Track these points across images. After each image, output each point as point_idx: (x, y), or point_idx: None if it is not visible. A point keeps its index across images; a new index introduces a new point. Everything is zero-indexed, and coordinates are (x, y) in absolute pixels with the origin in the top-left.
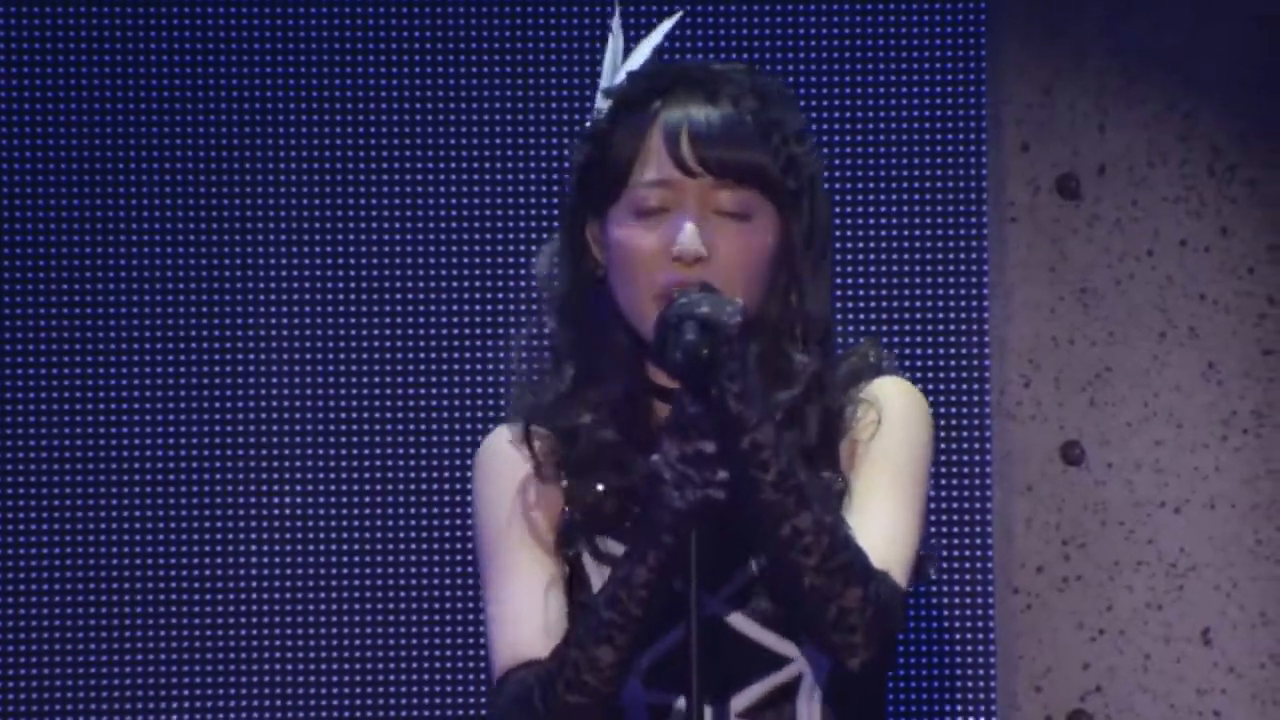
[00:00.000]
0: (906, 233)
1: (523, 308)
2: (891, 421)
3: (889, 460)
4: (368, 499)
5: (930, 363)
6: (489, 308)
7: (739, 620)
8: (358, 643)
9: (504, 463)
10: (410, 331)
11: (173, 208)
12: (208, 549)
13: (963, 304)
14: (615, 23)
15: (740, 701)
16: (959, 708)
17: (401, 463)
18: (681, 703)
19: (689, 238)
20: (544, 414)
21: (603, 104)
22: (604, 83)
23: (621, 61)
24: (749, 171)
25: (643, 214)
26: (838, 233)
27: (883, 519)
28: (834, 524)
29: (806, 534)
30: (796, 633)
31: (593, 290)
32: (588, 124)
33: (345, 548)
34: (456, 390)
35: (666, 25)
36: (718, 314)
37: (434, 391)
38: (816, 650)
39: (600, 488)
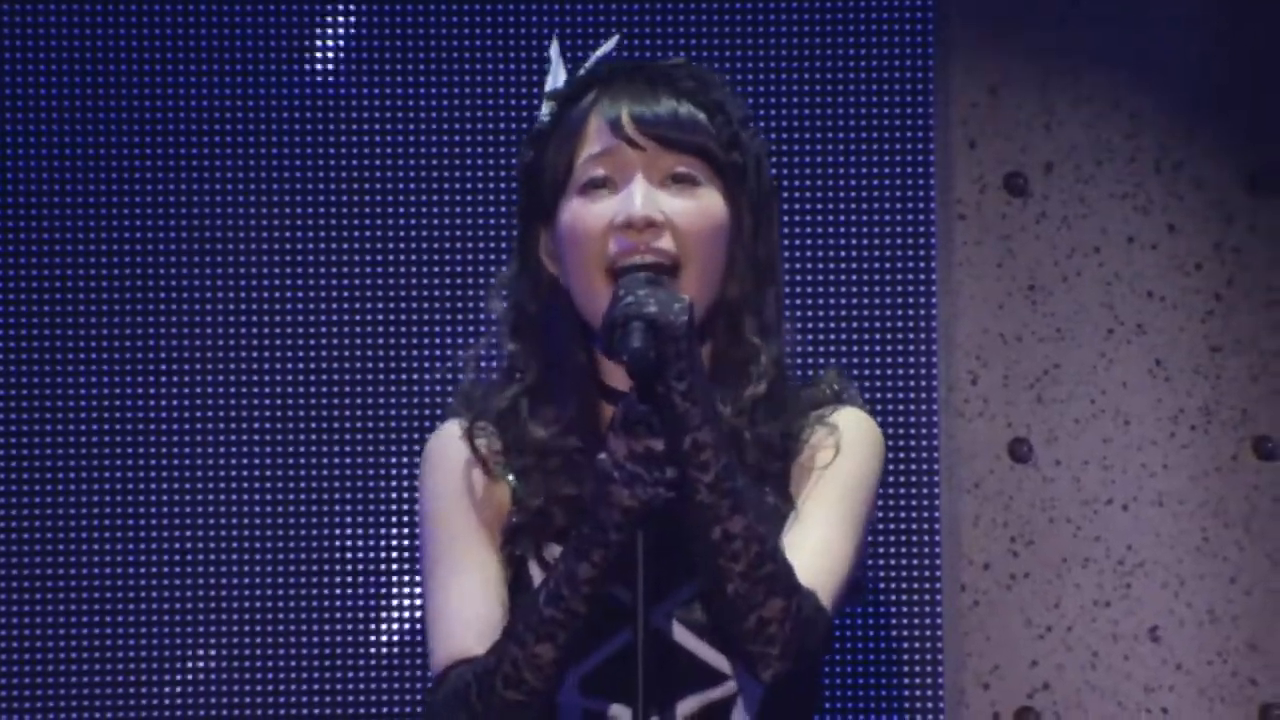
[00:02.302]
0: (855, 230)
1: (482, 315)
2: (847, 451)
3: (836, 487)
4: (330, 495)
5: (878, 359)
6: (452, 307)
7: (680, 633)
8: (313, 638)
9: (452, 457)
10: (377, 329)
11: (130, 215)
12: (175, 546)
13: (910, 301)
14: (554, 51)
15: (675, 714)
16: (906, 705)
17: (366, 459)
18: (616, 709)
19: (640, 202)
20: (493, 417)
21: (545, 109)
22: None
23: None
24: (692, 145)
25: (589, 188)
26: (785, 230)
27: (819, 541)
28: (765, 534)
29: (736, 539)
30: None
31: (548, 302)
32: (533, 129)
33: (306, 545)
34: (423, 388)
35: (604, 49)
36: (665, 314)
37: (403, 389)
38: (732, 657)
39: (550, 496)
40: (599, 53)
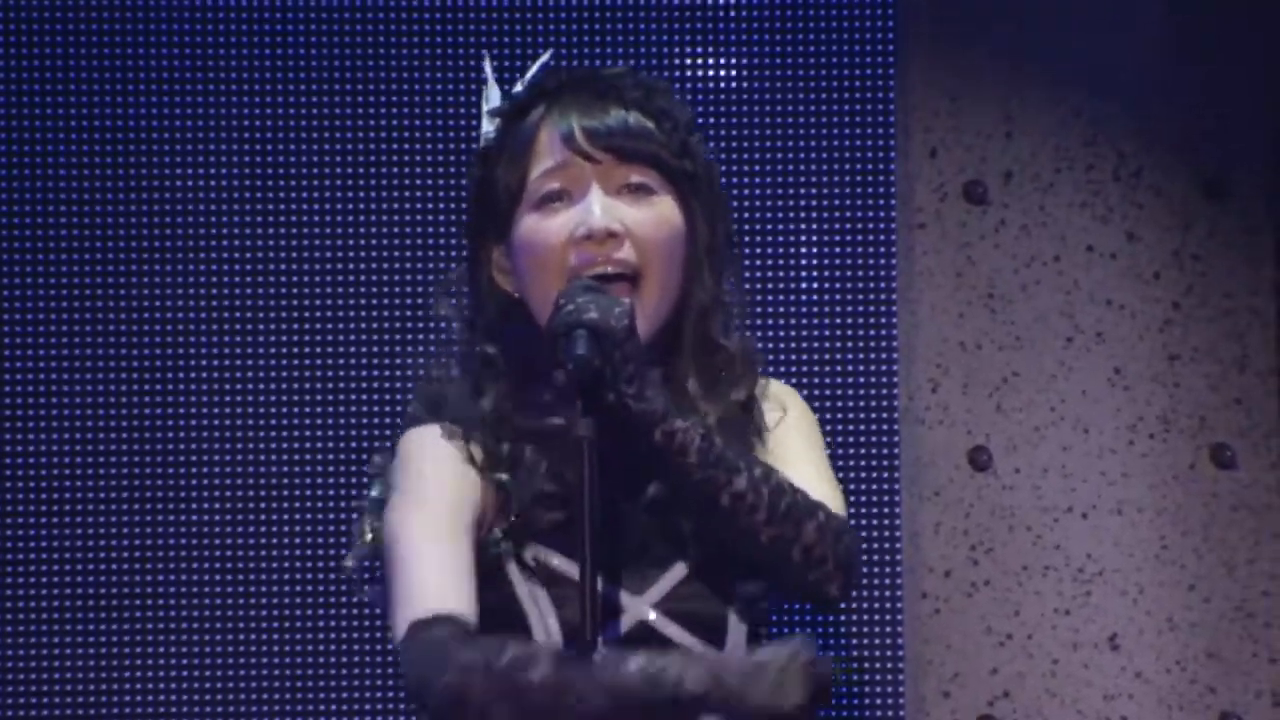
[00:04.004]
0: (815, 239)
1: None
2: (795, 414)
3: (801, 440)
4: (317, 493)
5: (839, 368)
6: (414, 314)
7: (664, 624)
8: (304, 636)
9: (437, 447)
10: (359, 334)
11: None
12: (153, 545)
13: (871, 309)
14: (487, 67)
15: None
16: (868, 712)
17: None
18: None
19: (599, 214)
20: (467, 426)
21: (489, 126)
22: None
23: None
24: (645, 156)
25: (544, 202)
26: (747, 239)
27: (809, 472)
28: (767, 473)
29: (747, 494)
30: (719, 637)
31: (505, 318)
32: (477, 147)
33: (279, 545)
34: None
35: (538, 65)
36: (605, 318)
37: (376, 393)
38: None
39: (534, 497)
40: (533, 69)
